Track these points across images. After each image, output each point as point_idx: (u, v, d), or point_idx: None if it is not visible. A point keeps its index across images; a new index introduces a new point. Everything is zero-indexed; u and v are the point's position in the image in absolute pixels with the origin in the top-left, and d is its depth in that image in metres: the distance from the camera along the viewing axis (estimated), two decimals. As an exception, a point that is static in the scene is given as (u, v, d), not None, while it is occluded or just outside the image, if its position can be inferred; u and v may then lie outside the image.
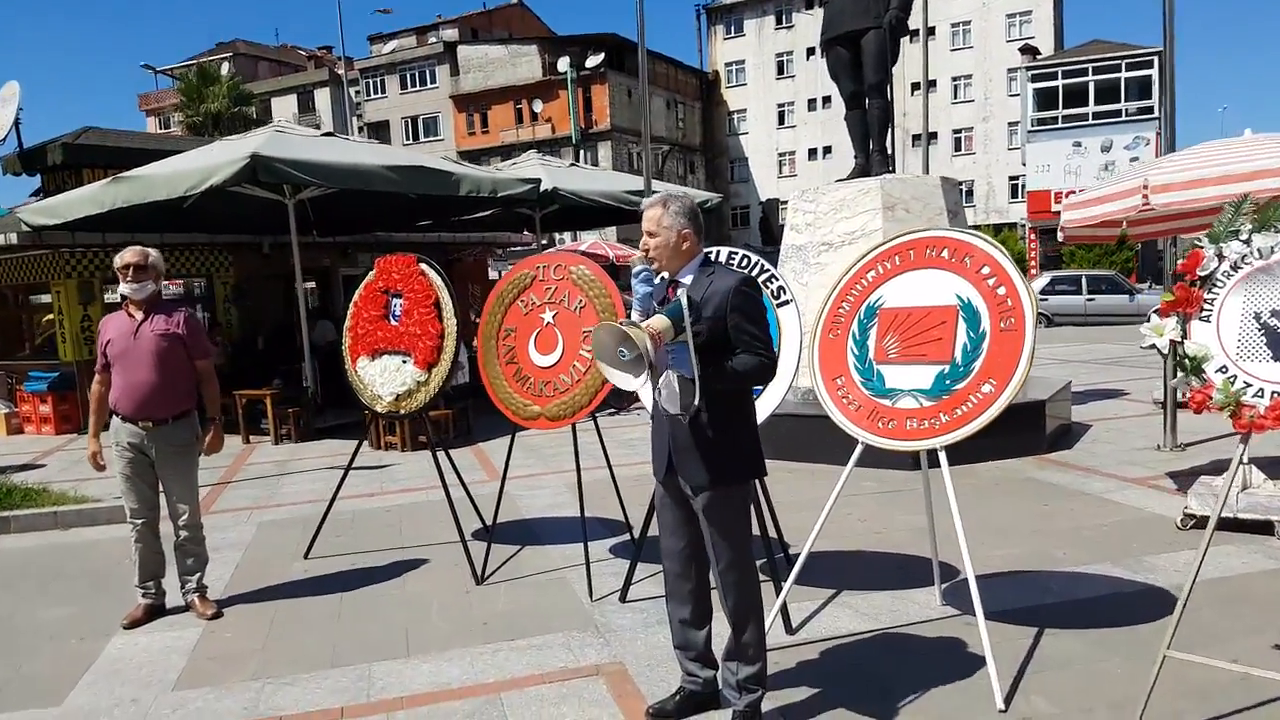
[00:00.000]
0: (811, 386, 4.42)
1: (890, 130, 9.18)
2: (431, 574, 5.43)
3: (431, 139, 52.08)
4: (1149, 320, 3.54)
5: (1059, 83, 39.00)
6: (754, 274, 4.63)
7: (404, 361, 5.46)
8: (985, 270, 3.96)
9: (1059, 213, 7.17)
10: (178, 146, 13.68)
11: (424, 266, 5.44)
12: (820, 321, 4.40)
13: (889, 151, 9.18)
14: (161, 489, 4.93)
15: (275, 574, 5.59)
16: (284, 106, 54.58)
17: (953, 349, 3.96)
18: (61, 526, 7.09)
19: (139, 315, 4.86)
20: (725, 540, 3.28)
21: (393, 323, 5.55)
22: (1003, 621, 4.22)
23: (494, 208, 12.51)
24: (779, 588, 4.35)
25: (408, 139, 52.20)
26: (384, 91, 55.05)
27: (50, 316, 12.95)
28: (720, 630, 3.46)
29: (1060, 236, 6.86)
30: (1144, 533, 5.56)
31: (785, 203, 9.60)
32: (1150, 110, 37.66)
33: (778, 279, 4.67)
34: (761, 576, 3.55)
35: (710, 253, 4.76)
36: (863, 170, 9.07)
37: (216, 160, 9.10)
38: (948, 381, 3.94)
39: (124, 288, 4.84)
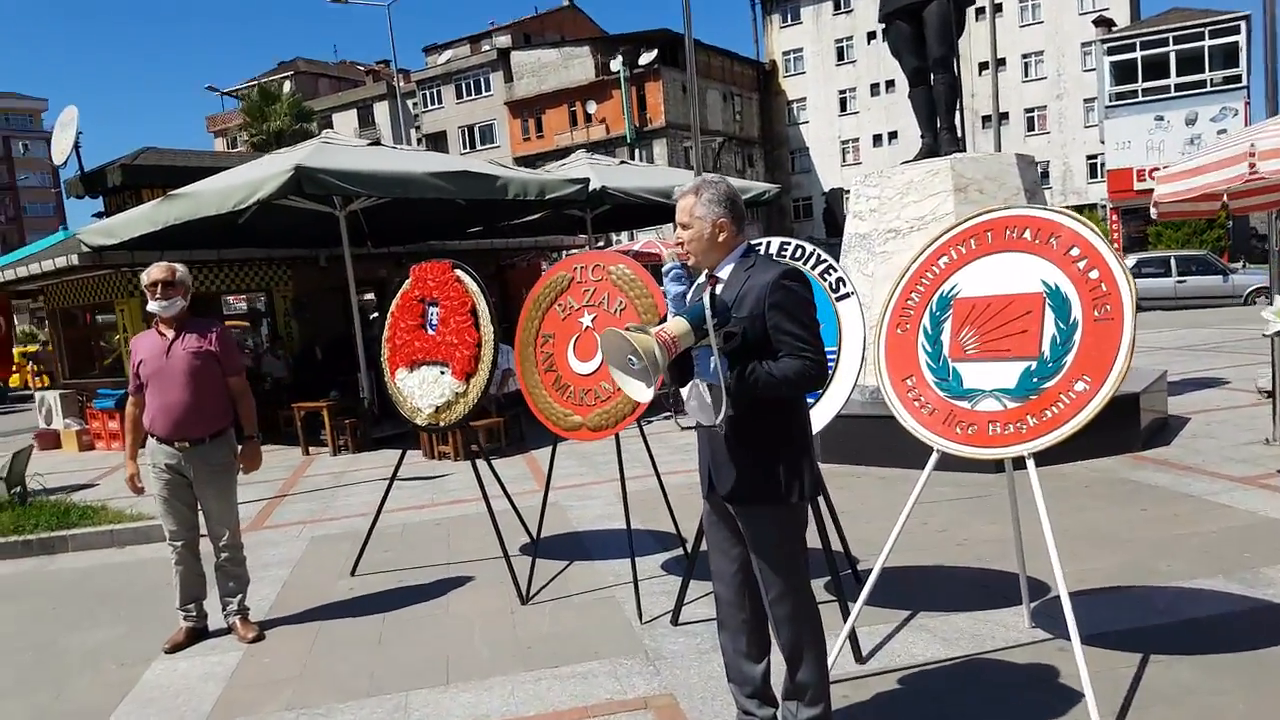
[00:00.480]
0: (878, 385, 4.00)
1: (959, 106, 8.64)
2: (476, 592, 5.14)
3: (488, 146, 52.33)
4: (1271, 304, 3.06)
5: (1137, 54, 37.17)
6: (808, 265, 4.24)
7: (442, 372, 5.18)
8: (1075, 252, 3.50)
9: (1149, 190, 6.59)
10: (232, 164, 13.74)
11: (459, 273, 5.16)
12: (886, 315, 3.98)
13: (958, 129, 8.63)
14: (201, 509, 4.73)
15: (321, 593, 5.37)
16: (344, 121, 55.43)
17: (1040, 342, 3.51)
18: (118, 545, 7.02)
19: (170, 333, 4.67)
20: (773, 567, 2.91)
21: (430, 332, 5.28)
22: (1102, 646, 3.74)
23: (543, 210, 12.26)
24: (846, 610, 3.93)
25: (464, 148, 52.53)
26: (440, 102, 55.51)
27: (118, 336, 13.07)
28: (781, 662, 3.06)
29: (1154, 213, 6.28)
30: (1259, 540, 4.99)
31: (850, 191, 9.10)
32: (1238, 79, 35.85)
33: (836, 270, 4.27)
34: (826, 596, 3.17)
35: (759, 244, 4.39)
36: (930, 150, 8.55)
37: (263, 174, 8.98)
38: (1035, 380, 3.49)
39: (152, 305, 4.65)
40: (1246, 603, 4.17)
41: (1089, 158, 46.69)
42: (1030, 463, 3.45)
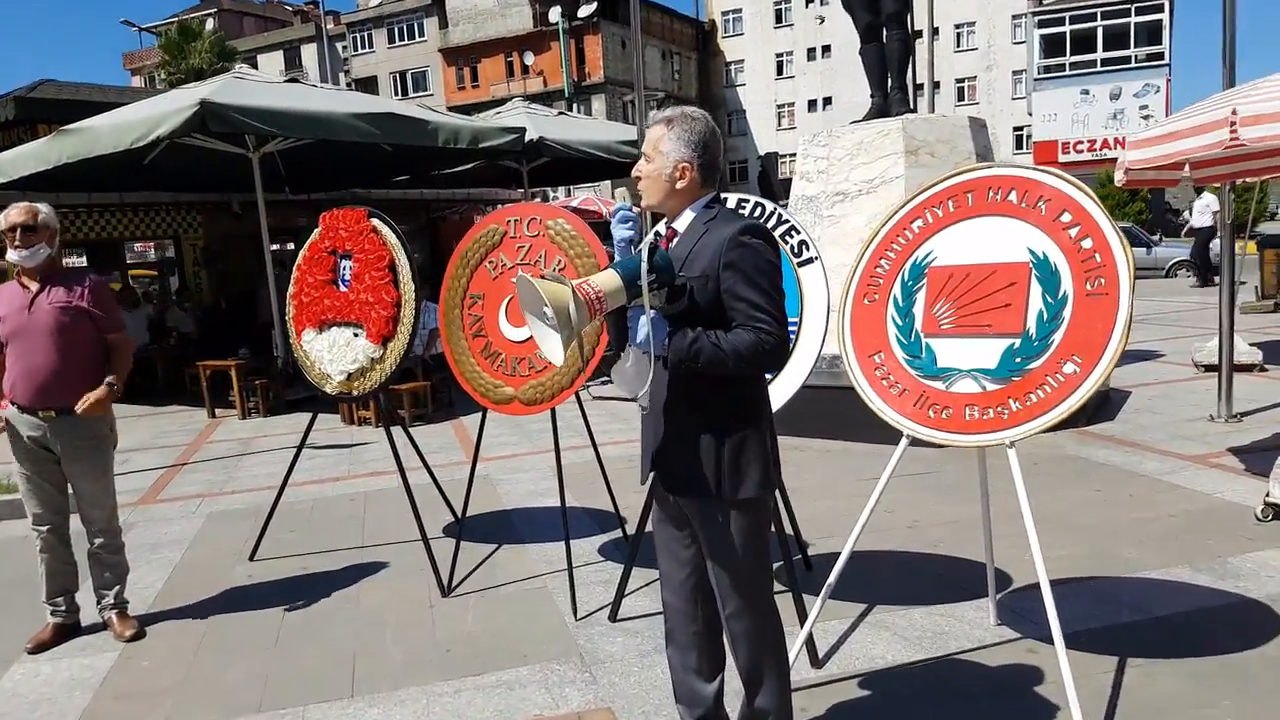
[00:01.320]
0: (839, 354, 3.61)
1: (911, 66, 8.27)
2: (391, 582, 4.65)
3: (421, 94, 50.72)
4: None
5: (1067, 28, 37.68)
6: (767, 226, 3.80)
7: (355, 334, 4.65)
8: (1066, 218, 3.13)
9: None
10: (140, 99, 12.73)
11: (376, 222, 4.60)
12: (852, 283, 3.58)
13: (909, 89, 8.26)
14: (71, 490, 4.14)
15: (214, 580, 4.82)
16: (270, 63, 53.09)
17: (1025, 318, 3.15)
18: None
19: (33, 286, 4.03)
20: (731, 575, 2.49)
21: (342, 289, 4.73)
22: (1075, 648, 3.42)
23: (476, 160, 11.62)
24: (799, 604, 3.57)
25: (397, 94, 50.78)
26: (371, 46, 53.58)
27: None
28: (736, 680, 2.66)
29: (1120, 178, 5.99)
30: (1219, 525, 4.78)
31: (786, 156, 8.68)
32: (1160, 56, 36.54)
33: (799, 231, 3.86)
34: (778, 586, 2.79)
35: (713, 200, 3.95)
36: (880, 110, 8.16)
37: (165, 109, 8.19)
38: (1018, 359, 3.13)
39: (12, 254, 4.00)
40: (1219, 597, 3.92)
41: (1015, 129, 47.32)
42: (1012, 453, 3.10)
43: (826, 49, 51.06)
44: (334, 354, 4.69)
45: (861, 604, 4.00)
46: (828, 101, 51.47)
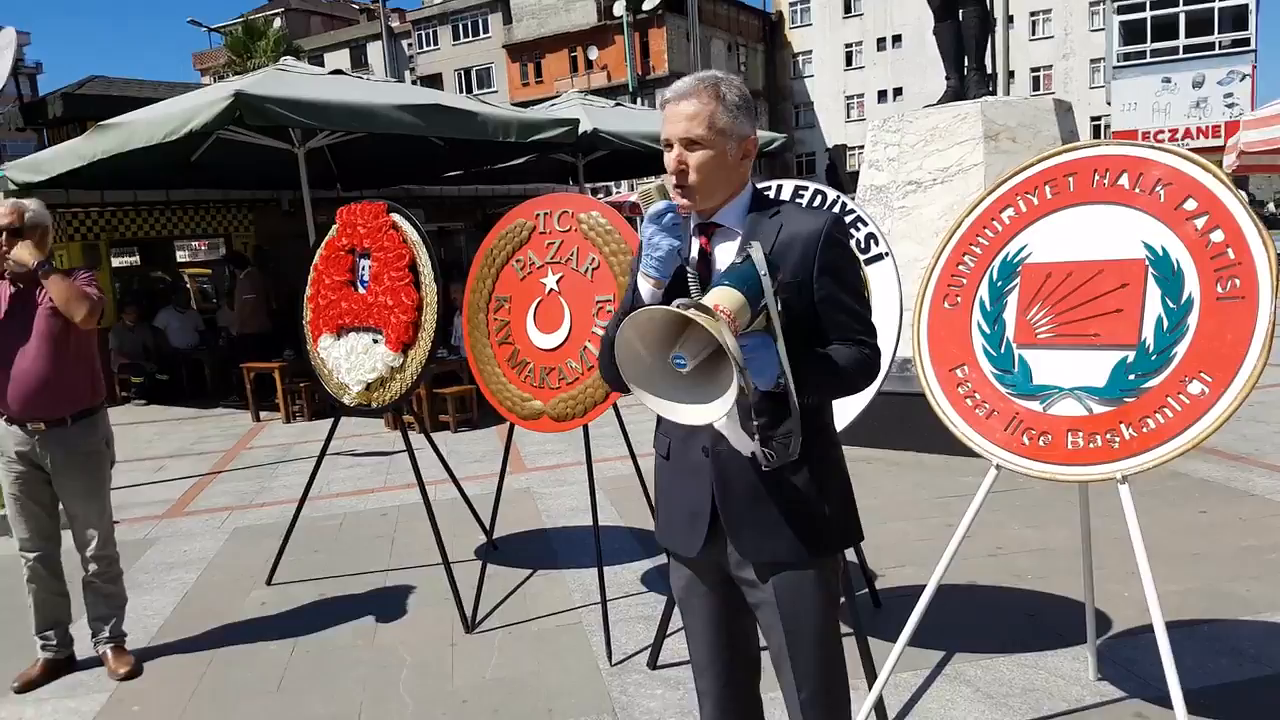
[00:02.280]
0: (911, 359, 3.09)
1: (990, 44, 7.62)
2: (414, 614, 4.25)
3: (485, 90, 50.77)
4: None
5: (1147, 14, 36.07)
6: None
7: (374, 341, 4.26)
8: (1191, 205, 2.56)
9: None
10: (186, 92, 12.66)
11: (396, 217, 4.20)
12: (930, 284, 3.05)
13: (989, 70, 7.61)
14: (63, 510, 3.82)
15: (226, 607, 4.47)
16: (336, 61, 53.58)
17: (1140, 326, 2.60)
18: None
19: (24, 287, 3.71)
20: (813, 653, 2.00)
21: (360, 291, 4.34)
22: (1197, 713, 2.88)
23: (529, 153, 11.22)
24: (866, 655, 3.07)
25: (461, 91, 50.93)
26: (436, 43, 53.84)
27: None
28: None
29: (1230, 163, 5.34)
30: (1356, 559, 4.13)
31: (854, 149, 8.11)
32: (1246, 43, 34.77)
33: (867, 223, 3.35)
34: (842, 629, 2.30)
35: (766, 187, 3.45)
36: (956, 93, 7.54)
37: (200, 102, 7.95)
38: (1132, 376, 2.59)
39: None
40: (1366, 653, 3.30)
41: (1093, 119, 45.47)
42: (1125, 490, 2.55)
43: (897, 38, 49.92)
44: (352, 362, 4.31)
45: (937, 651, 3.47)
46: (898, 92, 50.16)
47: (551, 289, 3.79)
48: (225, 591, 4.68)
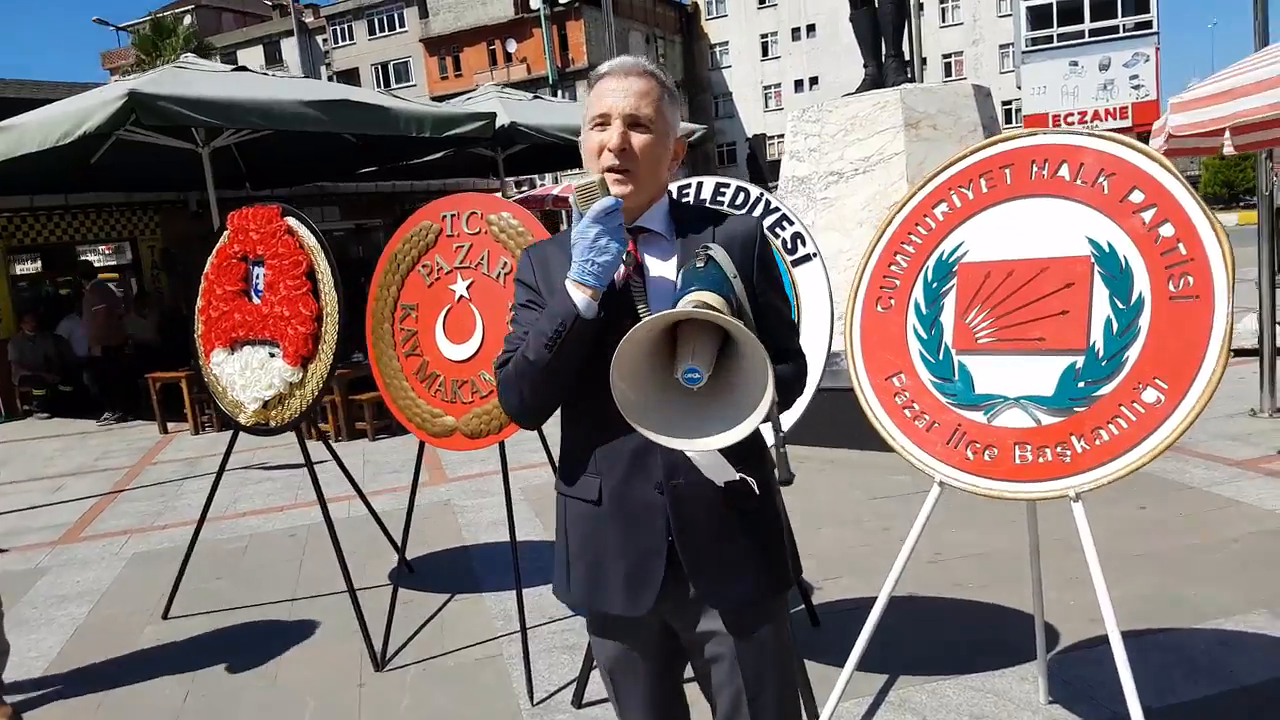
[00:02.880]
0: (843, 358, 2.90)
1: (907, 30, 7.53)
2: (319, 648, 3.93)
3: (403, 85, 49.84)
4: None
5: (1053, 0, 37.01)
6: (754, 215, 3.09)
7: (271, 354, 3.92)
8: (1137, 197, 2.41)
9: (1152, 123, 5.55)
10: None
11: (291, 220, 3.87)
12: (861, 286, 2.86)
13: (906, 57, 7.53)
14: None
15: (118, 643, 4.11)
16: (250, 58, 51.95)
17: (1088, 328, 2.44)
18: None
19: None
20: (774, 698, 1.81)
21: (254, 301, 4.00)
22: (1149, 732, 2.74)
23: (445, 149, 10.85)
24: (805, 685, 2.88)
25: (378, 86, 49.83)
26: (352, 38, 52.65)
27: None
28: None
29: (1159, 145, 5.28)
30: (1291, 552, 4.09)
31: (774, 138, 7.96)
32: (1149, 25, 35.86)
33: (792, 222, 3.14)
34: None
35: (686, 186, 3.24)
36: (875, 81, 7.45)
37: (94, 102, 7.43)
38: (1082, 384, 2.42)
39: None
40: (1315, 657, 3.22)
41: (1004, 103, 46.54)
42: (1079, 509, 2.39)
43: (811, 28, 50.66)
44: (247, 378, 3.97)
45: (880, 675, 3.28)
46: (814, 81, 50.78)
47: (462, 296, 3.50)
48: (118, 626, 4.31)
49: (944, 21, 48.72)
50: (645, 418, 1.53)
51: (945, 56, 48.85)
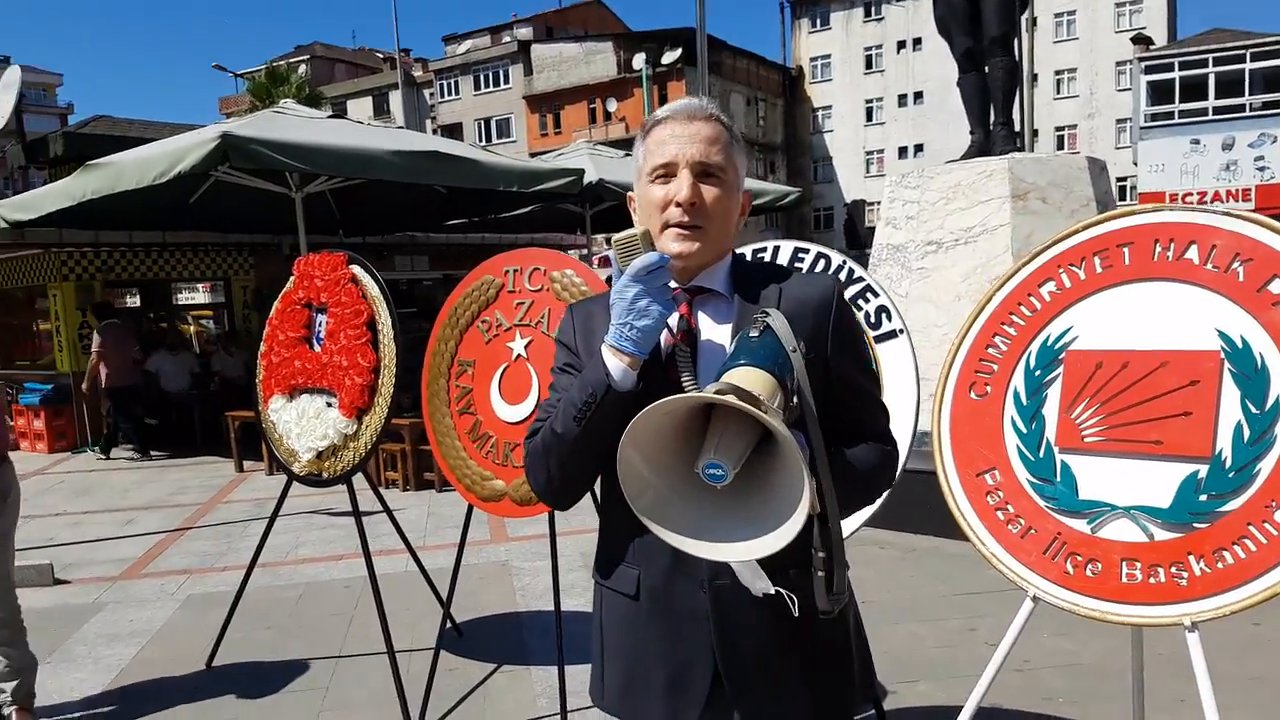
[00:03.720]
0: (931, 448, 2.60)
1: (1019, 97, 7.22)
2: (355, 712, 3.74)
3: (504, 140, 51.14)
4: None
5: (1175, 75, 35.84)
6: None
7: (328, 404, 3.81)
8: (1279, 288, 2.09)
9: None
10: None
11: (356, 269, 3.78)
12: (953, 369, 2.58)
13: (1016, 124, 7.21)
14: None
15: (154, 694, 3.99)
16: (358, 109, 54.23)
17: (1214, 434, 2.12)
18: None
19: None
20: None
21: (315, 349, 3.91)
22: None
23: (532, 203, 10.88)
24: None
25: (481, 140, 51.28)
26: (457, 93, 54.37)
27: (47, 325, 11.74)
28: None
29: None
30: None
31: (873, 204, 7.72)
32: (1278, 105, 34.43)
33: (877, 294, 2.89)
34: None
35: (760, 249, 3.02)
36: (981, 148, 7.13)
37: (189, 143, 7.64)
38: (1205, 497, 2.10)
39: None
40: None
41: (1118, 180, 45.20)
42: (1194, 640, 2.05)
43: (919, 95, 50.27)
44: (302, 427, 3.87)
45: (956, 802, 2.92)
46: (919, 149, 50.30)
47: (519, 354, 3.34)
48: (161, 671, 4.21)
49: (1059, 93, 47.75)
50: (657, 507, 1.30)
51: (1058, 129, 47.82)
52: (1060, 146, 47.49)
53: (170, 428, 11.25)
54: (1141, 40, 40.13)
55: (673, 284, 1.55)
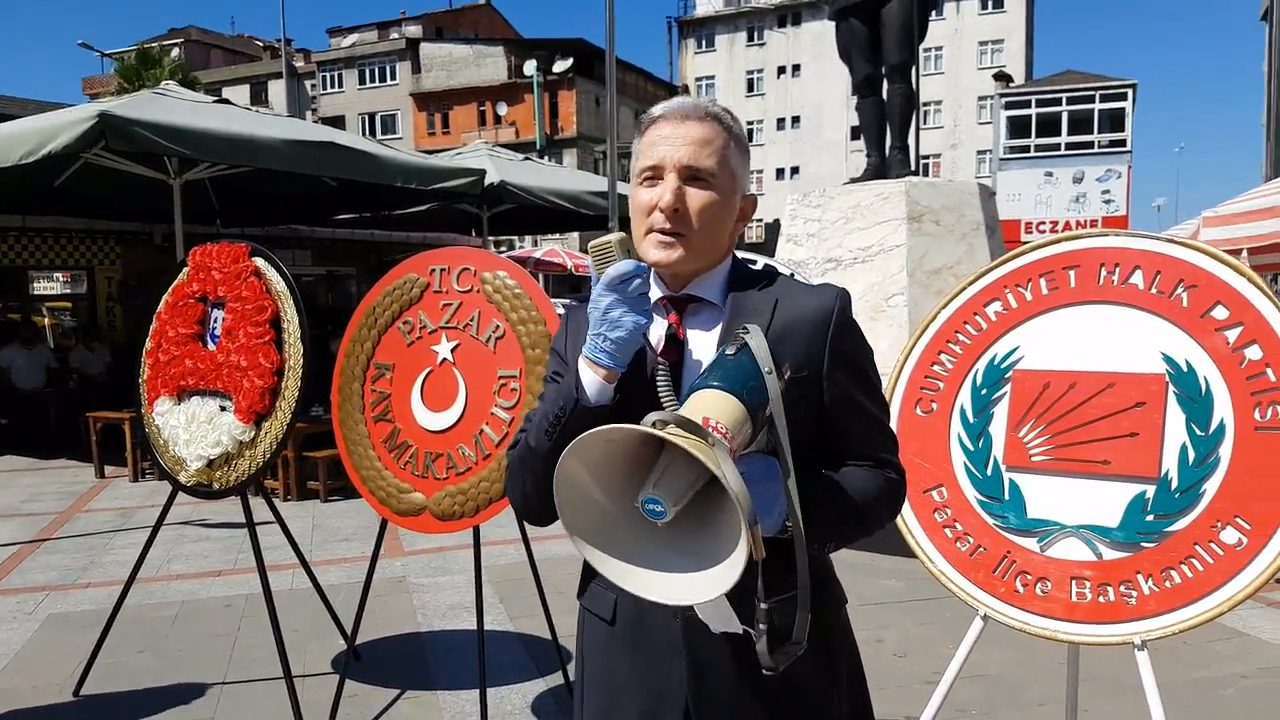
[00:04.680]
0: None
1: (915, 122, 7.43)
2: (247, 744, 3.48)
3: (389, 136, 49.91)
4: None
5: (1032, 111, 38.18)
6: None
7: (222, 408, 3.54)
8: (1221, 313, 2.15)
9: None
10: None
11: (260, 261, 3.53)
12: (899, 385, 2.56)
13: (911, 149, 7.42)
14: None
15: (17, 724, 3.62)
16: (235, 96, 51.40)
17: (1160, 456, 2.15)
18: None
19: None
20: None
21: (209, 347, 3.63)
22: None
23: (430, 201, 10.60)
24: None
25: (365, 135, 49.87)
26: (341, 86, 52.85)
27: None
28: None
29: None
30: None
31: (753, 223, 7.78)
32: (1123, 143, 37.03)
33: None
34: None
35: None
36: (877, 171, 7.31)
37: (63, 121, 7.09)
38: (1152, 516, 2.13)
39: None
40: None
41: (978, 209, 47.89)
42: (1143, 659, 2.07)
43: (796, 119, 52.20)
44: (191, 432, 3.58)
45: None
46: (795, 170, 52.13)
47: (445, 359, 3.17)
48: (21, 702, 3.81)
49: (925, 124, 50.12)
50: (590, 532, 1.19)
51: (923, 158, 49.95)
52: (925, 173, 49.77)
53: (23, 428, 10.41)
54: (1002, 77, 42.47)
55: (659, 292, 1.48)
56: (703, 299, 1.48)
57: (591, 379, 1.35)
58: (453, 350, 3.15)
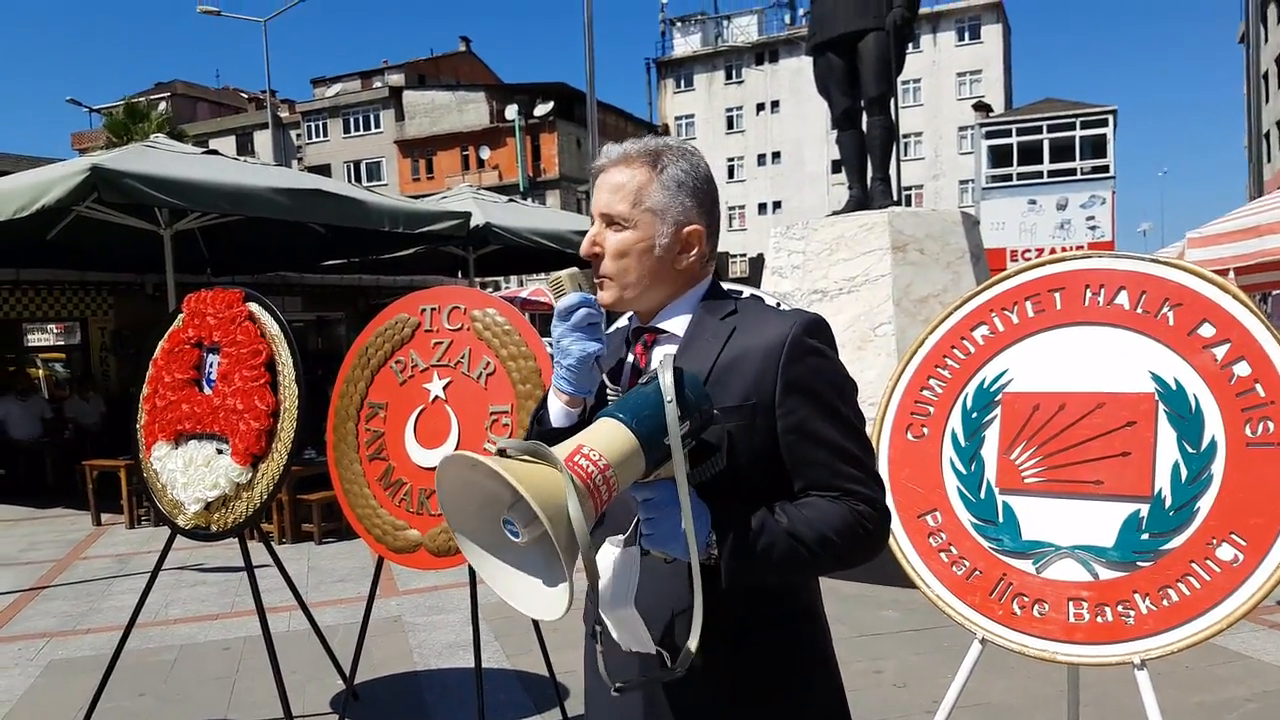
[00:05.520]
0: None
1: (895, 154, 7.53)
2: (247, 791, 3.44)
3: (375, 183, 50.23)
4: None
5: (1013, 140, 38.69)
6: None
7: (219, 451, 3.54)
8: (1207, 331, 2.19)
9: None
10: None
11: (253, 306, 3.55)
12: (889, 411, 2.59)
13: (893, 180, 7.52)
14: None
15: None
16: (222, 148, 51.32)
17: (1153, 474, 2.18)
18: None
19: None
20: None
21: (205, 391, 3.63)
22: None
23: (416, 245, 10.65)
24: None
25: (350, 182, 50.18)
26: (326, 135, 53.27)
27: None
28: None
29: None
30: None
31: (735, 257, 7.88)
32: (1105, 169, 37.48)
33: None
34: None
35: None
36: (859, 203, 7.40)
37: (54, 175, 7.13)
38: (1147, 535, 2.16)
39: None
40: None
41: (962, 237, 48.26)
42: (1143, 678, 2.08)
43: (777, 155, 53.04)
44: (190, 476, 3.57)
45: None
46: (777, 205, 52.66)
47: (437, 396, 3.19)
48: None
49: (906, 155, 50.70)
50: (471, 532, 1.21)
51: (906, 189, 50.61)
52: (907, 204, 50.27)
53: (19, 478, 10.37)
54: (982, 107, 43.09)
55: (625, 322, 1.58)
56: (665, 330, 1.51)
57: (556, 404, 1.48)
58: (445, 388, 3.17)
